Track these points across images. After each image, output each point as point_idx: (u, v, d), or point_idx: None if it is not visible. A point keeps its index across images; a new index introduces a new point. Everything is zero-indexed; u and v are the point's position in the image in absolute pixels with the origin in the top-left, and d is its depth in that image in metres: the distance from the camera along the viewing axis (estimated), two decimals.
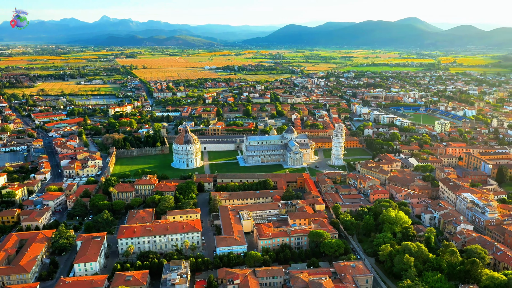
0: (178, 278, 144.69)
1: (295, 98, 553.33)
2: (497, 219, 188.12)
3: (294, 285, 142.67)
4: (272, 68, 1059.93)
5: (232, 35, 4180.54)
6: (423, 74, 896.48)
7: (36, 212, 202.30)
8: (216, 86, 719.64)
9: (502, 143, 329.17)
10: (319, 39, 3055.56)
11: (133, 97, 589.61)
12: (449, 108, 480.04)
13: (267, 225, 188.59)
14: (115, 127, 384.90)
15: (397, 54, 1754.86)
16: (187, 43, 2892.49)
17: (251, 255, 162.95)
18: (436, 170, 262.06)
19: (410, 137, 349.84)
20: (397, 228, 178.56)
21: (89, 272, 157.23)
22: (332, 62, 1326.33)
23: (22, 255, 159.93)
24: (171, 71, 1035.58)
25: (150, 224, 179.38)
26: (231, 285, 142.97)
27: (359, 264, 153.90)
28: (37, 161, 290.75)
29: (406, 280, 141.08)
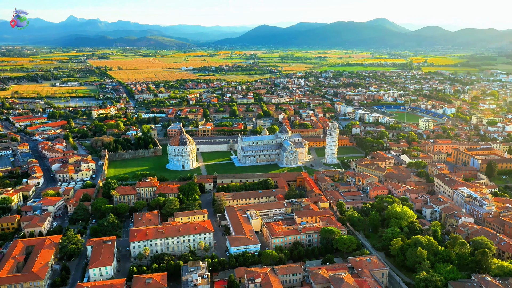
0: (200, 278, 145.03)
1: (279, 98, 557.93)
2: (494, 211, 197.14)
3: (315, 281, 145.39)
4: (250, 69, 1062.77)
5: (204, 36, 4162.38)
6: (398, 73, 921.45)
7: (37, 218, 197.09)
8: (197, 87, 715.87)
9: (484, 139, 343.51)
10: (291, 39, 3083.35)
11: (113, 99, 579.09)
12: (429, 106, 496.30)
13: (276, 223, 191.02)
14: (102, 129, 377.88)
15: (369, 54, 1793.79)
16: (159, 44, 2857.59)
17: (267, 254, 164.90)
18: (428, 166, 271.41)
19: (397, 135, 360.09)
20: (403, 223, 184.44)
21: (104, 277, 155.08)
22: (308, 62, 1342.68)
23: (33, 262, 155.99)
24: (147, 72, 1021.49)
25: (162, 226, 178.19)
26: (252, 284, 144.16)
27: (374, 259, 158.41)
28: (27, 165, 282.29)
29: (421, 272, 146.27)
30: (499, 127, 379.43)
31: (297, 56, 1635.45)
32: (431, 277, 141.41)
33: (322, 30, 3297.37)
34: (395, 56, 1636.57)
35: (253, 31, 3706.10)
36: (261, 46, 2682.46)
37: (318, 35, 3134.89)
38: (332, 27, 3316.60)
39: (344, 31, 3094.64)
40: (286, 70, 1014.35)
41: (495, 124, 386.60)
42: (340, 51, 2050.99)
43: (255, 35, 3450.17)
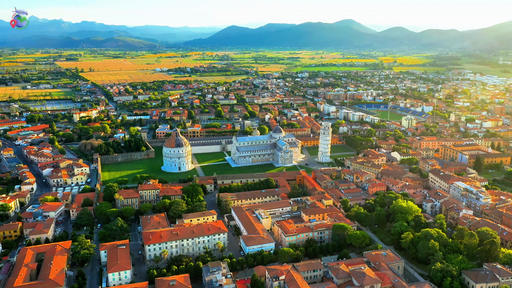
0: (224, 278, 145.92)
1: (262, 99, 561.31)
2: (490, 203, 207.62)
3: (337, 276, 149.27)
4: (225, 70, 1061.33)
5: (172, 37, 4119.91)
6: (371, 73, 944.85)
7: (41, 224, 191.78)
8: (175, 89, 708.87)
9: (466, 135, 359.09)
10: (261, 40, 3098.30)
11: (92, 101, 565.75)
12: (408, 105, 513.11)
13: (287, 222, 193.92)
14: (88, 132, 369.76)
15: (340, 54, 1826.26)
16: (127, 45, 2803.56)
17: (284, 251, 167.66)
18: (420, 162, 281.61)
19: (383, 133, 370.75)
20: (409, 217, 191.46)
21: (123, 281, 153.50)
22: (282, 63, 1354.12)
23: (48, 269, 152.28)
24: (121, 73, 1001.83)
25: (176, 228, 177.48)
26: (276, 282, 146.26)
27: (389, 252, 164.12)
28: (16, 171, 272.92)
29: (437, 263, 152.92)
30: (477, 123, 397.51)
31: (269, 57, 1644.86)
32: (447, 268, 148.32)
33: (291, 31, 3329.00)
34: (365, 56, 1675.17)
35: (223, 32, 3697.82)
36: (231, 47, 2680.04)
37: (288, 36, 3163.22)
38: (301, 28, 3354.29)
39: (313, 32, 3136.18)
40: (262, 71, 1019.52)
41: (473, 121, 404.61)
42: (311, 52, 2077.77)
43: (225, 36, 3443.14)
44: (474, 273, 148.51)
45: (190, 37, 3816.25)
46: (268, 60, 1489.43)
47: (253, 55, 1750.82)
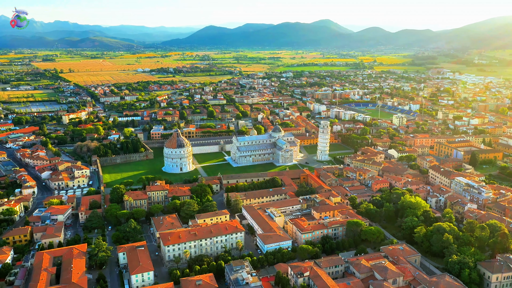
0: (250, 276, 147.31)
1: (251, 99, 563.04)
2: (492, 197, 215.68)
3: (359, 270, 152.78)
4: (208, 70, 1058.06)
5: (149, 37, 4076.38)
6: (354, 73, 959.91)
7: (52, 228, 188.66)
8: (161, 89, 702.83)
9: (456, 132, 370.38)
10: (240, 40, 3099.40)
11: (78, 102, 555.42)
12: (396, 103, 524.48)
13: (301, 220, 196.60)
14: (82, 134, 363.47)
15: (320, 54, 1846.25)
16: (104, 45, 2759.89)
17: (303, 248, 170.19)
18: (418, 159, 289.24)
19: (377, 131, 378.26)
20: (418, 212, 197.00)
21: (146, 282, 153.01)
22: (264, 63, 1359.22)
23: (69, 273, 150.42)
24: (102, 74, 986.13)
25: (194, 229, 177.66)
26: (301, 278, 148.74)
27: (405, 247, 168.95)
28: (14, 175, 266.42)
29: (453, 255, 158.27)
30: (464, 121, 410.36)
31: (250, 57, 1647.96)
32: (463, 259, 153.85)
33: (270, 31, 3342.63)
34: (344, 56, 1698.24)
35: (201, 32, 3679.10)
36: (211, 47, 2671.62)
37: (266, 36, 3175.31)
38: (279, 28, 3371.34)
39: (291, 31, 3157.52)
40: (245, 71, 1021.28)
41: (461, 119, 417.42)
42: (291, 51, 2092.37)
43: (203, 36, 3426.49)
44: (489, 264, 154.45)
45: (167, 37, 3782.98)
46: (249, 60, 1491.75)
47: (234, 55, 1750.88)
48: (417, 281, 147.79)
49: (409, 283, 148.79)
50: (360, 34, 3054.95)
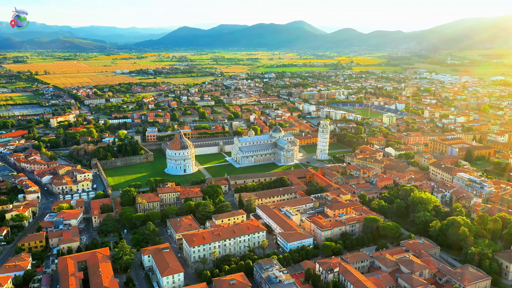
0: (282, 274, 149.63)
1: (239, 99, 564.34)
2: (494, 191, 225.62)
3: (386, 265, 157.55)
4: (189, 71, 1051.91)
5: (121, 37, 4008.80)
6: (334, 73, 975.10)
7: (68, 233, 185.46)
8: (145, 91, 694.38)
9: (446, 130, 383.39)
10: (214, 41, 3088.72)
11: (62, 105, 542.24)
12: (382, 103, 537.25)
13: (318, 217, 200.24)
14: (75, 137, 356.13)
15: (297, 55, 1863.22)
16: (75, 46, 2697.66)
17: (327, 245, 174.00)
18: (415, 156, 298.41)
19: (369, 130, 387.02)
20: (429, 207, 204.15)
21: (176, 284, 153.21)
22: (242, 64, 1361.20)
23: (98, 277, 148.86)
24: (80, 76, 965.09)
25: (217, 229, 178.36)
26: (331, 274, 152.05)
27: (425, 240, 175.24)
28: (14, 180, 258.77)
29: (471, 247, 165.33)
30: (451, 119, 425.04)
31: (228, 58, 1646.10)
32: (482, 251, 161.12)
33: (244, 32, 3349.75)
34: (320, 57, 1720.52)
35: (174, 33, 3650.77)
36: (186, 48, 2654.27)
37: (241, 37, 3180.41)
38: (254, 29, 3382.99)
39: (266, 33, 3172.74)
40: (226, 72, 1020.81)
41: (447, 117, 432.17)
42: (267, 52, 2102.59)
43: (177, 37, 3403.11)
44: (506, 254, 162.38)
45: (139, 38, 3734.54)
46: (228, 61, 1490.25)
47: (211, 56, 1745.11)
48: (442, 272, 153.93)
49: (434, 275, 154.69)
50: (333, 35, 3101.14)
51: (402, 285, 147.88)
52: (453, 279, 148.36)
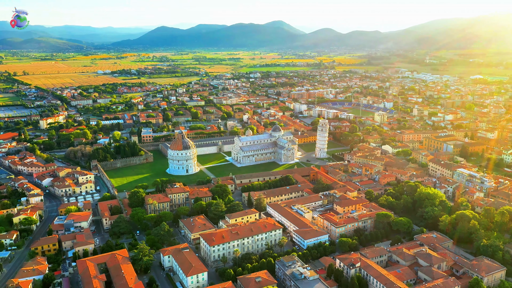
0: (307, 270, 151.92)
1: (230, 99, 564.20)
2: (494, 186, 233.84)
3: (404, 259, 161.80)
4: (173, 71, 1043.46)
5: (97, 37, 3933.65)
6: (318, 72, 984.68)
7: (81, 235, 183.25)
8: (131, 91, 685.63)
9: (437, 128, 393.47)
10: (194, 41, 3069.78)
11: (48, 106, 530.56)
12: (370, 101, 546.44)
13: (330, 214, 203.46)
14: (70, 139, 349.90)
15: (278, 55, 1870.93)
16: (51, 46, 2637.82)
17: (343, 241, 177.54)
18: (413, 153, 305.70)
19: (363, 128, 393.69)
20: (436, 202, 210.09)
21: (200, 283, 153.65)
22: (225, 64, 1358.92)
23: (122, 278, 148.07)
24: (61, 76, 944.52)
25: (235, 228, 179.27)
26: (353, 269, 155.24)
27: (438, 234, 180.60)
28: (13, 183, 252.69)
29: (482, 240, 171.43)
30: (440, 117, 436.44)
31: (209, 58, 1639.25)
32: (493, 243, 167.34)
33: (223, 32, 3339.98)
34: (301, 57, 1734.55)
35: (152, 33, 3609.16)
36: (165, 48, 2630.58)
37: (220, 37, 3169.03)
38: (233, 29, 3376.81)
39: (245, 32, 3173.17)
40: (211, 72, 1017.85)
41: (436, 115, 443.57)
42: (248, 52, 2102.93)
43: (155, 37, 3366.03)
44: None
45: (116, 38, 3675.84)
46: (210, 61, 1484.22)
47: (192, 56, 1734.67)
48: (459, 265, 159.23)
49: (451, 268, 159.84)
50: (312, 35, 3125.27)
51: (422, 278, 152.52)
52: (470, 271, 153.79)
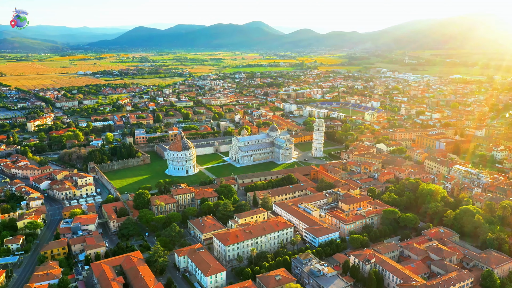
0: (324, 267, 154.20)
1: (218, 100, 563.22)
2: (490, 181, 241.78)
3: (416, 253, 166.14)
4: (156, 72, 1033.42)
5: (72, 38, 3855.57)
6: (302, 73, 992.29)
7: (91, 238, 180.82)
8: (116, 92, 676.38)
9: (424, 126, 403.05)
10: (173, 41, 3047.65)
11: (32, 108, 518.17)
12: (358, 101, 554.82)
13: (338, 212, 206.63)
14: (62, 141, 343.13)
15: (259, 55, 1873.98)
16: (25, 47, 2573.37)
17: (355, 238, 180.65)
18: (408, 151, 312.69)
19: (355, 127, 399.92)
20: (438, 198, 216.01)
21: (219, 283, 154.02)
22: (207, 64, 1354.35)
23: (141, 280, 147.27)
24: (41, 78, 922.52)
25: (248, 227, 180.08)
26: (368, 265, 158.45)
27: (445, 229, 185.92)
28: (10, 186, 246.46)
29: (488, 233, 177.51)
30: (427, 115, 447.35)
31: (191, 58, 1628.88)
32: (500, 236, 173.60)
33: (202, 32, 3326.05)
34: (283, 57, 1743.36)
35: (130, 33, 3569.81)
36: (143, 48, 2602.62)
37: (199, 37, 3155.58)
38: (212, 29, 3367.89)
39: (225, 33, 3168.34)
40: (194, 73, 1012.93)
41: (424, 114, 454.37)
42: (228, 53, 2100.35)
43: (133, 37, 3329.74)
44: None
45: (92, 38, 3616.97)
46: (191, 61, 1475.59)
47: (173, 57, 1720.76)
48: (468, 258, 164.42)
49: (461, 261, 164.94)
50: (291, 36, 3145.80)
51: (435, 271, 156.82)
52: (480, 263, 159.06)
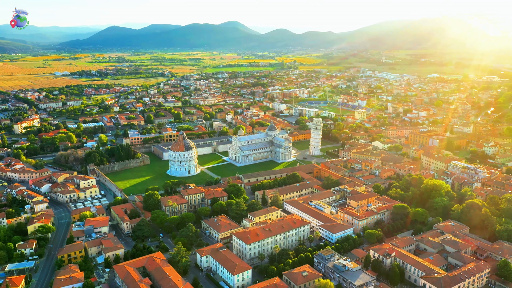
0: (349, 262, 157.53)
1: (206, 100, 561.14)
2: (487, 176, 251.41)
3: (432, 246, 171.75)
4: (136, 72, 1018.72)
5: (42, 37, 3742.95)
6: (284, 72, 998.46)
7: (107, 241, 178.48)
8: (99, 93, 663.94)
9: (413, 124, 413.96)
10: (148, 41, 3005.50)
11: (15, 110, 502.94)
12: (345, 100, 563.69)
13: (349, 208, 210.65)
14: (55, 143, 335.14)
15: (238, 55, 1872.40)
16: None
17: (371, 233, 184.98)
18: (404, 148, 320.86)
19: (347, 125, 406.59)
20: (443, 193, 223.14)
21: (245, 281, 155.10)
22: (186, 64, 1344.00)
23: (169, 281, 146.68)
24: (17, 78, 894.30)
25: (267, 225, 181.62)
26: (389, 259, 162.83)
27: (456, 222, 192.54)
28: (10, 190, 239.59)
29: (496, 225, 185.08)
30: (414, 113, 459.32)
31: (169, 58, 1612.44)
32: (509, 228, 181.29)
33: (177, 32, 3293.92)
34: (261, 57, 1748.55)
35: (104, 33, 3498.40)
36: (118, 48, 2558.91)
37: (175, 37, 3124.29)
38: (188, 29, 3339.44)
39: (201, 33, 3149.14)
40: (176, 73, 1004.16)
41: (411, 112, 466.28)
42: (206, 53, 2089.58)
43: (106, 37, 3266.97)
44: None
45: (64, 38, 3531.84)
46: (170, 61, 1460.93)
47: (150, 57, 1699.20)
48: (481, 249, 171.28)
49: (475, 252, 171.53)
50: (268, 36, 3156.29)
51: (453, 263, 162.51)
52: (493, 254, 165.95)
